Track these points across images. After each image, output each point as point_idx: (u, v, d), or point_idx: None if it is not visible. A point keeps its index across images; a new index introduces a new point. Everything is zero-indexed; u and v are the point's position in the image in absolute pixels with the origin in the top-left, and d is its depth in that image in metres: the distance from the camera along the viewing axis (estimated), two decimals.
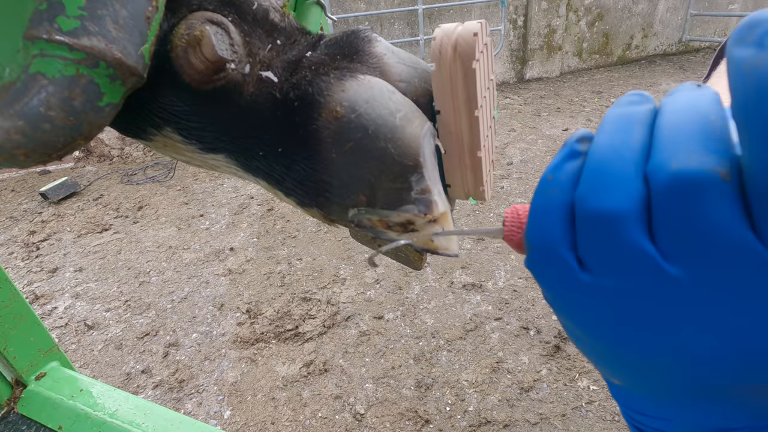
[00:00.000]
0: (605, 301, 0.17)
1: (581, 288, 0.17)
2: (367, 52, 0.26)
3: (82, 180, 3.35)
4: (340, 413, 1.45)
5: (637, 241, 0.15)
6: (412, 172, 0.24)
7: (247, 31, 0.25)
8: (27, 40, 0.18)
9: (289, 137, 0.25)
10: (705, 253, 0.14)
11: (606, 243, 0.16)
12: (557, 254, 0.18)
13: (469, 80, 0.23)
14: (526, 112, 3.85)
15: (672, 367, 0.17)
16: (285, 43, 0.27)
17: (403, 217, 0.25)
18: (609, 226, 0.16)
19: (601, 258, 0.16)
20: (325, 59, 0.26)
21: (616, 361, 0.19)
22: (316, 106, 0.24)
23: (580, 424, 1.34)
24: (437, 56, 0.24)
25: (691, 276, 0.15)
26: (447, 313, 1.81)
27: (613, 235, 0.16)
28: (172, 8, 0.23)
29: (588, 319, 0.18)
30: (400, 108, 0.24)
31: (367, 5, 4.06)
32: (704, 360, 0.16)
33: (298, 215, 2.59)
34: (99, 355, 1.78)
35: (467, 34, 0.23)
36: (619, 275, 0.16)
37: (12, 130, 0.19)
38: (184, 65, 0.23)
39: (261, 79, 0.25)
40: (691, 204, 0.14)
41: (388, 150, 0.23)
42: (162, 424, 0.69)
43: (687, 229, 0.14)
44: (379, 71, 0.26)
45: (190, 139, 0.26)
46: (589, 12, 4.73)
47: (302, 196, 0.27)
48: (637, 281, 0.16)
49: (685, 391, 0.18)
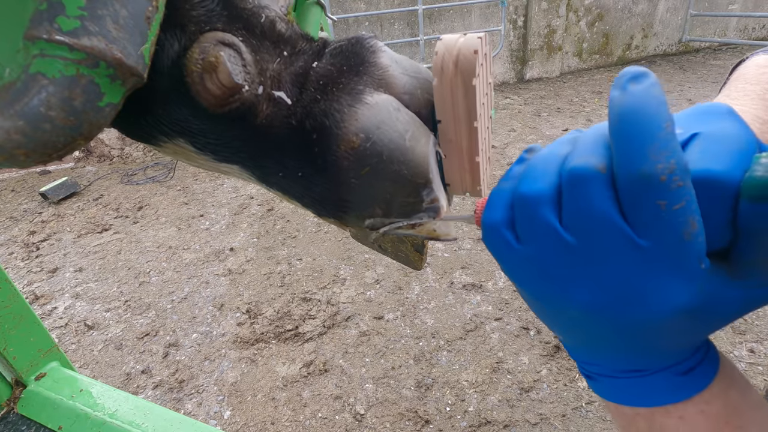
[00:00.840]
0: (532, 264, 0.23)
1: (517, 255, 0.24)
2: (372, 63, 0.27)
3: (82, 180, 3.35)
4: (340, 413, 1.45)
5: (546, 216, 0.21)
6: (424, 188, 0.26)
7: (256, 47, 0.25)
8: (27, 40, 0.18)
9: (309, 165, 0.27)
10: (587, 224, 0.20)
11: (528, 218, 0.22)
12: (498, 231, 0.24)
13: (469, 94, 0.25)
14: (526, 113, 3.85)
15: (579, 316, 0.23)
16: (291, 53, 0.27)
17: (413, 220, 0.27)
18: (529, 204, 0.22)
19: (526, 230, 0.23)
20: (331, 71, 0.27)
21: (552, 317, 0.25)
22: (334, 138, 0.25)
23: (580, 424, 1.34)
24: (439, 71, 0.25)
25: (580, 242, 0.21)
26: (447, 314, 1.81)
27: (531, 211, 0.22)
28: (181, 25, 0.23)
29: (525, 281, 0.24)
30: (408, 128, 0.26)
31: (367, 5, 4.06)
32: (590, 307, 0.22)
33: (299, 215, 2.59)
34: (99, 355, 1.78)
35: (468, 51, 0.25)
36: (536, 243, 0.22)
37: (12, 130, 0.19)
38: (200, 91, 0.24)
39: (274, 99, 0.26)
40: (579, 188, 0.20)
41: (401, 172, 0.25)
42: (162, 424, 0.69)
43: (577, 207, 0.20)
44: (385, 83, 0.27)
45: (204, 151, 0.27)
46: (589, 12, 4.73)
47: (321, 210, 0.29)
48: (547, 247, 0.22)
49: (590, 338, 0.24)
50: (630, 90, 0.19)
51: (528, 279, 0.24)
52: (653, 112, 0.19)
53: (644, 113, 0.19)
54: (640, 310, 0.21)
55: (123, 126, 0.26)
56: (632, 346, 0.23)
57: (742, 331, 1.60)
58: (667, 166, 0.18)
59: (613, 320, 0.22)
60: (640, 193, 0.19)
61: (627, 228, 0.20)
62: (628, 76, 0.20)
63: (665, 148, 0.18)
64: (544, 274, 0.23)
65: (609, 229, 0.20)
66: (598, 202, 0.20)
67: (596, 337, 0.24)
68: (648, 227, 0.19)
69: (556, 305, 0.23)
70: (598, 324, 0.23)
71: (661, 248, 0.19)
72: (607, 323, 0.22)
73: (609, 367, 0.26)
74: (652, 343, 0.23)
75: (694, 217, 0.19)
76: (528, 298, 0.26)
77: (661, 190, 0.18)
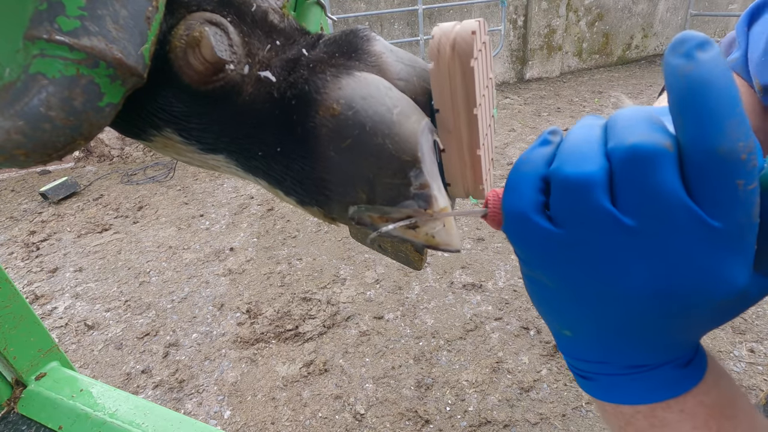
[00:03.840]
0: (570, 249, 0.22)
1: (550, 241, 0.22)
2: (365, 50, 0.26)
3: (82, 180, 3.35)
4: (340, 413, 1.45)
5: (600, 199, 0.20)
6: (411, 168, 0.24)
7: (246, 32, 0.25)
8: (27, 40, 0.18)
9: (287, 136, 0.25)
10: (651, 206, 0.19)
11: (577, 203, 0.21)
12: (528, 216, 0.22)
13: (468, 78, 0.23)
14: (526, 112, 3.85)
15: (615, 303, 0.22)
16: (284, 43, 0.27)
17: (403, 212, 0.25)
18: (581, 188, 0.20)
19: (572, 215, 0.21)
20: (323, 57, 0.26)
21: (572, 307, 0.24)
22: (313, 103, 0.24)
23: (580, 424, 1.34)
24: (435, 54, 0.24)
25: (641, 225, 0.19)
26: (447, 313, 1.81)
27: (584, 196, 0.20)
28: (171, 9, 0.23)
29: (556, 268, 0.23)
30: (397, 104, 0.24)
31: (367, 5, 4.06)
32: (637, 293, 0.21)
33: (298, 215, 2.59)
34: (99, 355, 1.78)
35: (465, 33, 0.23)
36: (585, 228, 0.21)
37: (12, 130, 0.19)
38: (183, 66, 0.23)
39: (260, 79, 0.25)
40: (645, 168, 0.19)
41: (386, 146, 0.23)
42: (162, 424, 0.69)
43: (638, 187, 0.19)
44: (378, 69, 0.26)
45: (190, 140, 0.26)
46: (589, 12, 4.73)
47: (302, 195, 0.27)
48: (599, 231, 0.20)
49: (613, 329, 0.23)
50: (700, 59, 0.18)
51: (562, 266, 0.22)
52: (729, 85, 0.17)
53: (720, 85, 0.17)
54: (701, 292, 0.20)
55: (115, 121, 0.26)
56: (661, 335, 0.23)
57: (742, 331, 1.60)
58: (746, 144, 0.17)
59: (668, 304, 0.21)
60: (718, 172, 0.18)
61: (698, 209, 0.18)
62: (694, 42, 0.18)
63: (744, 125, 0.17)
64: (587, 260, 0.21)
65: (677, 211, 0.19)
66: (667, 181, 0.18)
67: (623, 328, 0.23)
68: (721, 207, 0.18)
69: (591, 293, 0.22)
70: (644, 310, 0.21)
71: (732, 229, 0.18)
72: (658, 308, 0.21)
73: (617, 362, 0.25)
74: (685, 330, 0.22)
75: (758, 198, 0.18)
76: (547, 287, 0.24)
77: (740, 169, 0.17)
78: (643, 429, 0.25)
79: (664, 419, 0.25)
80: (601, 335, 0.24)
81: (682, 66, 0.18)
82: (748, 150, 0.17)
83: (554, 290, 0.24)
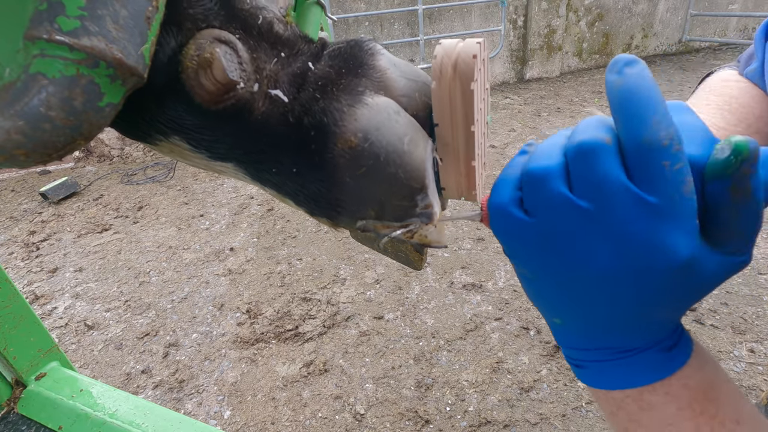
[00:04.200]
0: (543, 237, 0.25)
1: (527, 231, 0.25)
2: (370, 65, 0.27)
3: (82, 180, 3.35)
4: (340, 413, 1.45)
5: (558, 186, 0.24)
6: (419, 193, 0.26)
7: (253, 46, 0.25)
8: (27, 40, 0.18)
9: (304, 161, 0.27)
10: (599, 190, 0.23)
11: (540, 191, 0.24)
12: (506, 210, 0.26)
13: (467, 99, 0.25)
14: (526, 112, 3.85)
15: (588, 285, 0.25)
16: (289, 54, 0.27)
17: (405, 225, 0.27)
18: (540, 178, 0.24)
19: (537, 203, 0.25)
20: (330, 73, 0.27)
21: (556, 294, 0.27)
22: (332, 136, 0.25)
23: (580, 424, 1.34)
24: (438, 74, 0.25)
25: (594, 206, 0.23)
26: (447, 313, 1.81)
27: (543, 185, 0.24)
28: (178, 23, 0.23)
29: (534, 256, 0.26)
30: (407, 132, 0.26)
31: (367, 5, 4.06)
32: (604, 273, 0.24)
33: (299, 215, 2.59)
34: (99, 355, 1.78)
35: (467, 56, 0.25)
36: (549, 213, 0.24)
37: (12, 130, 0.19)
38: (195, 87, 0.23)
39: (270, 97, 0.26)
40: (589, 159, 0.23)
41: (398, 175, 0.25)
42: (162, 424, 0.69)
43: (587, 175, 0.23)
44: (383, 86, 0.27)
45: (199, 149, 0.27)
46: (589, 12, 4.73)
47: (314, 208, 0.29)
48: (562, 216, 0.24)
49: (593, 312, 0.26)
50: (627, 72, 0.23)
51: (539, 254, 0.26)
52: (652, 88, 0.22)
53: (644, 90, 0.22)
54: (651, 263, 0.23)
55: (119, 124, 0.26)
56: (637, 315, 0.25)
57: (742, 331, 1.60)
58: (668, 133, 0.22)
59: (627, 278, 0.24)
60: (647, 157, 0.22)
61: (636, 188, 0.22)
62: (623, 62, 0.23)
63: (665, 118, 0.22)
64: (557, 245, 0.25)
65: (620, 191, 0.22)
66: (609, 168, 0.22)
67: (601, 308, 0.26)
68: (654, 185, 0.22)
69: (568, 277, 0.25)
70: (612, 286, 0.24)
71: (666, 203, 0.22)
72: (622, 283, 0.24)
73: (603, 346, 0.27)
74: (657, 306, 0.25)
75: (689, 177, 0.22)
76: (533, 279, 0.27)
77: (664, 153, 0.21)
78: (633, 412, 0.28)
79: (650, 402, 0.27)
80: (587, 320, 0.27)
81: (615, 80, 0.23)
82: (669, 138, 0.21)
83: (538, 280, 0.27)
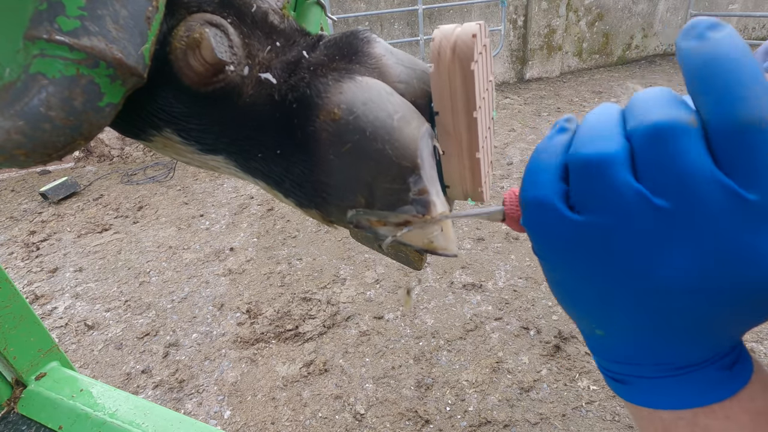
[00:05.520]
0: (597, 239, 0.20)
1: (574, 231, 0.20)
2: (365, 53, 0.26)
3: (82, 180, 3.35)
4: (340, 413, 1.45)
5: (627, 179, 0.19)
6: (410, 174, 0.24)
7: (246, 33, 0.25)
8: (27, 40, 0.18)
9: (288, 139, 0.25)
10: (683, 184, 0.18)
11: (599, 183, 0.19)
12: (550, 204, 0.21)
13: (468, 81, 0.23)
14: (526, 112, 3.85)
15: (651, 296, 0.20)
16: (284, 44, 0.27)
17: (401, 217, 0.25)
18: (602, 168, 0.19)
19: (595, 198, 0.20)
20: (323, 60, 0.26)
21: (603, 304, 0.22)
22: (314, 108, 0.24)
23: (580, 424, 1.34)
24: (436, 57, 0.24)
25: (673, 204, 0.18)
26: (447, 313, 1.81)
27: (605, 175, 0.19)
28: (171, 9, 0.23)
29: (580, 262, 0.21)
30: (398, 109, 0.24)
31: (367, 5, 4.06)
32: (676, 284, 0.19)
33: (298, 215, 2.59)
34: (99, 355, 1.78)
35: (466, 36, 0.23)
36: (611, 212, 0.19)
37: (12, 130, 0.19)
38: (183, 67, 0.23)
39: (260, 81, 0.25)
40: (670, 145, 0.18)
41: (385, 151, 0.23)
42: (162, 424, 0.69)
43: (668, 166, 0.18)
44: (378, 72, 0.26)
45: (189, 141, 0.26)
46: (589, 12, 4.73)
47: (301, 197, 0.27)
48: (627, 215, 0.19)
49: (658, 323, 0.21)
50: (712, 37, 0.18)
51: (587, 259, 0.21)
52: (747, 55, 0.17)
53: (738, 57, 0.17)
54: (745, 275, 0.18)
55: (115, 121, 0.26)
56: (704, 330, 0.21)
57: None
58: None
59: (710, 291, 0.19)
60: (746, 142, 0.17)
61: (731, 182, 0.17)
62: (704, 25, 0.18)
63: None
64: (616, 250, 0.20)
65: (709, 187, 0.17)
66: (695, 156, 0.18)
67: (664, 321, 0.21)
68: (754, 179, 0.17)
69: (625, 287, 0.21)
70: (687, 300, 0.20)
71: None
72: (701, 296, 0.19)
73: (655, 363, 0.23)
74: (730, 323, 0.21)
75: None
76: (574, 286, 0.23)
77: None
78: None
79: (707, 426, 0.22)
80: (638, 333, 0.22)
81: (696, 46, 0.18)
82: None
83: (582, 287, 0.22)
